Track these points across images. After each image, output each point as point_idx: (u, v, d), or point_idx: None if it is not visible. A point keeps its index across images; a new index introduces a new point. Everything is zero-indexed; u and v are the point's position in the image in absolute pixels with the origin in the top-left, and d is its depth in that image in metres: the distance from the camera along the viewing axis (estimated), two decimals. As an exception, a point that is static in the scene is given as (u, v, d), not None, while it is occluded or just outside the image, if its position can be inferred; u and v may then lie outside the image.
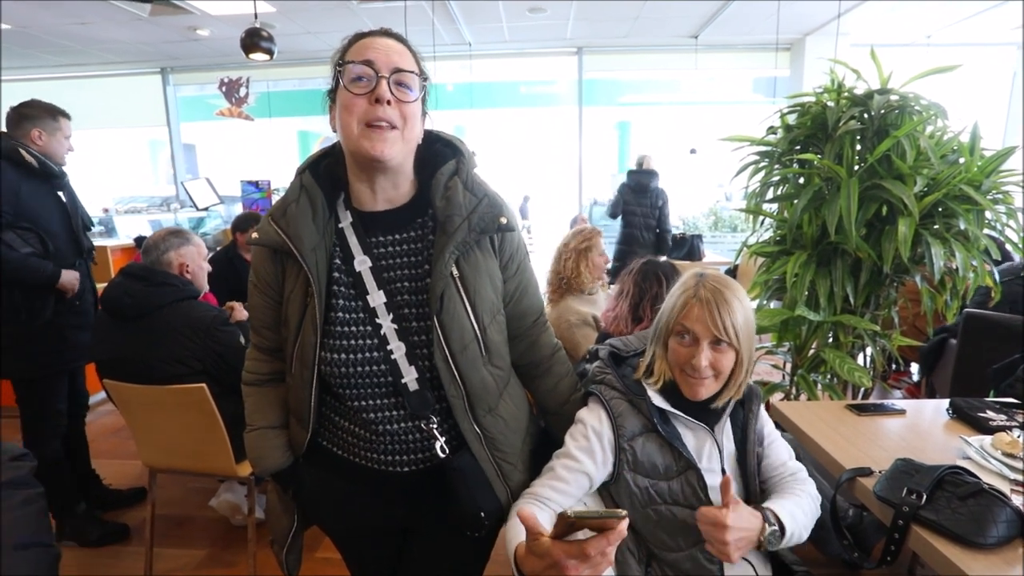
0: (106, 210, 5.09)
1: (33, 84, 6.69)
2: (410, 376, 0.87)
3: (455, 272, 0.87)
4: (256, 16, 3.66)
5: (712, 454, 0.98)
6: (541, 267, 2.12)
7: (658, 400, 0.97)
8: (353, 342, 0.88)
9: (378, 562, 1.07)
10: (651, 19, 5.09)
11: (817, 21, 5.19)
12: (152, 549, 1.96)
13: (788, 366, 2.12)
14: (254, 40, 3.41)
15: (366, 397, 0.89)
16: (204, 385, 1.65)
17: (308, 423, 0.94)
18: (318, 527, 1.07)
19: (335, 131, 0.88)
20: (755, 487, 0.98)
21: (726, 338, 0.92)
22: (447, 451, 0.90)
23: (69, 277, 2.00)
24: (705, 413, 0.98)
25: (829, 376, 1.99)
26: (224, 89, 5.51)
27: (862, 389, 2.03)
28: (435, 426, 0.89)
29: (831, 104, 1.96)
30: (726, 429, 1.00)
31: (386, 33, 0.86)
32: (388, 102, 0.81)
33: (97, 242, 3.68)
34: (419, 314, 0.88)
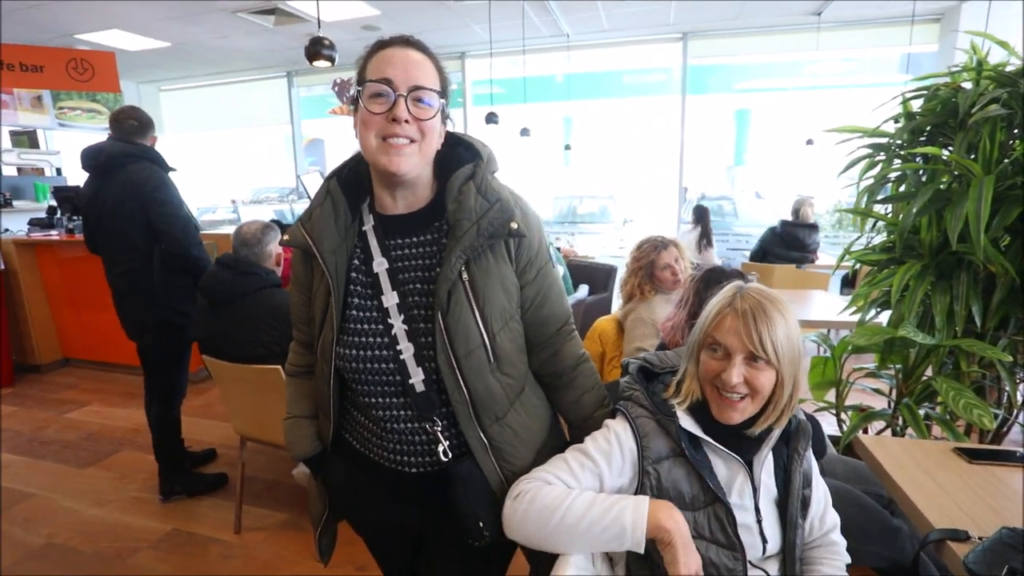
0: (233, 201, 5.76)
1: (191, 91, 7.78)
2: (417, 377, 0.87)
3: (465, 276, 0.85)
4: (318, 25, 3.85)
5: (744, 489, 0.86)
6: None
7: (688, 423, 0.87)
8: (366, 339, 0.90)
9: (398, 560, 1.09)
10: (764, -2, 4.64)
11: (977, -16, 4.39)
12: (241, 506, 2.20)
13: (894, 392, 1.83)
14: (317, 48, 3.55)
15: (376, 395, 0.91)
16: (280, 367, 1.80)
17: (331, 415, 0.98)
18: (345, 520, 1.12)
19: (358, 138, 0.90)
20: (794, 537, 0.85)
21: (763, 354, 0.81)
22: (450, 455, 0.89)
23: None
24: (740, 441, 0.87)
25: (947, 411, 1.68)
26: (336, 89, 5.97)
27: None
28: (440, 429, 0.89)
29: (967, 85, 1.64)
30: (767, 464, 0.88)
31: (406, 42, 0.85)
32: (406, 120, 0.81)
33: (225, 230, 4.19)
34: (427, 316, 0.88)
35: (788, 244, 4.07)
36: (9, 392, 3.75)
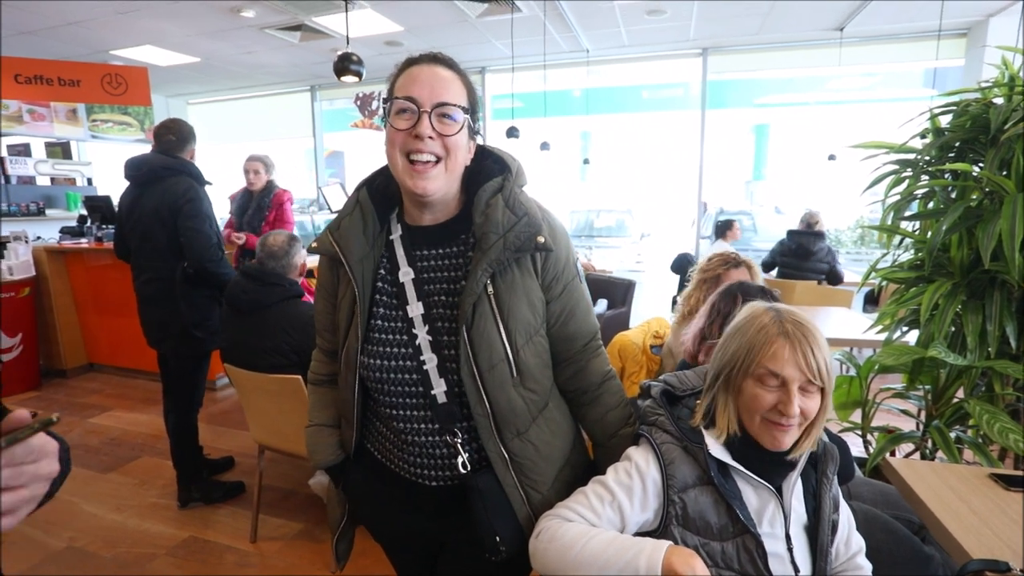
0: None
1: (217, 104, 7.99)
2: (439, 388, 0.87)
3: (490, 289, 0.85)
4: (347, 41, 3.94)
5: (776, 518, 0.83)
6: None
7: (717, 450, 0.85)
8: (390, 349, 0.90)
9: (416, 569, 1.08)
10: (785, 14, 4.62)
11: (1005, -1, 4.32)
12: (258, 515, 2.20)
13: (923, 414, 1.78)
14: (345, 64, 3.70)
15: (399, 406, 0.91)
16: (300, 377, 1.81)
17: (354, 424, 0.98)
18: (364, 527, 1.12)
19: (387, 155, 0.91)
20: (824, 566, 0.82)
21: (819, 381, 0.80)
22: (468, 467, 0.89)
23: None
24: (772, 467, 0.85)
25: (979, 434, 1.62)
26: (359, 103, 6.08)
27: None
28: (460, 441, 0.89)
29: (999, 101, 1.61)
30: (796, 490, 0.85)
31: (434, 59, 0.86)
32: (429, 137, 0.82)
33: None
34: (451, 328, 0.88)
35: (796, 254, 4.11)
36: (36, 395, 3.84)
